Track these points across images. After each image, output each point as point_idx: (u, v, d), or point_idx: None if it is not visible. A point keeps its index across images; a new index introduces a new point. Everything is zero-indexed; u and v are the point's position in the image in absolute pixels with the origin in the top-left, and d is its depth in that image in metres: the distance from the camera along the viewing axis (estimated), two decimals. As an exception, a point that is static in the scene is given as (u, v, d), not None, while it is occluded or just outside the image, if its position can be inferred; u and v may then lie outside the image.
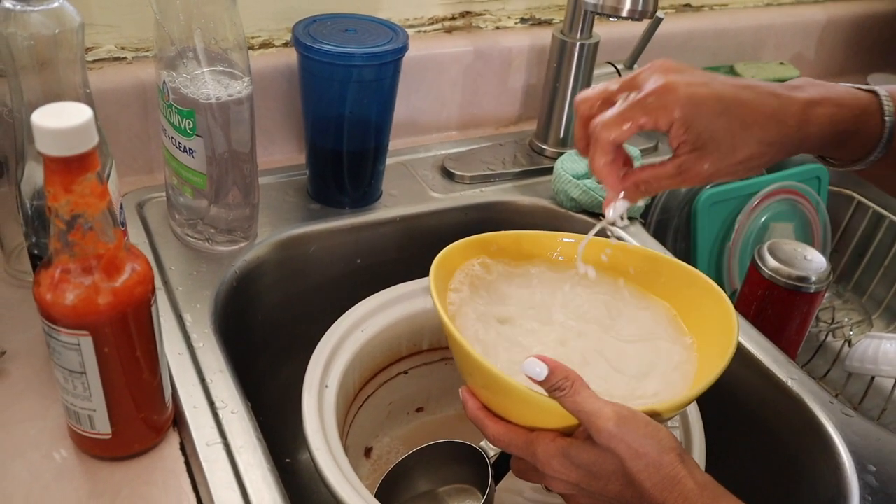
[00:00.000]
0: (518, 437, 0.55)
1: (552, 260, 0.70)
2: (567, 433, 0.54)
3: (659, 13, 0.86)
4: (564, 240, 0.69)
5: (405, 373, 0.79)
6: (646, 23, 0.91)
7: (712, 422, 0.67)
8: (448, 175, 0.90)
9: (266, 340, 0.82)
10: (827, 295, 1.02)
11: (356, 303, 0.72)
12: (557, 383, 0.51)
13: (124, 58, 0.83)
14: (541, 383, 0.52)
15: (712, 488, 0.49)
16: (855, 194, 1.10)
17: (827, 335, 1.03)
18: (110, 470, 0.57)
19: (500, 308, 0.65)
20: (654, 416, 0.53)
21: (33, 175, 0.55)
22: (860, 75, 1.25)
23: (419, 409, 0.84)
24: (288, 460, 0.85)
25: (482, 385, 0.57)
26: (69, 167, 0.46)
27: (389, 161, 0.87)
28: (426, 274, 0.76)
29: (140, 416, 0.56)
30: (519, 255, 0.70)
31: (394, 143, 0.87)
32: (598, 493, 0.52)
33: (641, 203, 0.88)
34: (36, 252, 0.58)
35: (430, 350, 0.79)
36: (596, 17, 0.88)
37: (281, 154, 0.91)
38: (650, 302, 0.67)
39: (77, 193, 0.47)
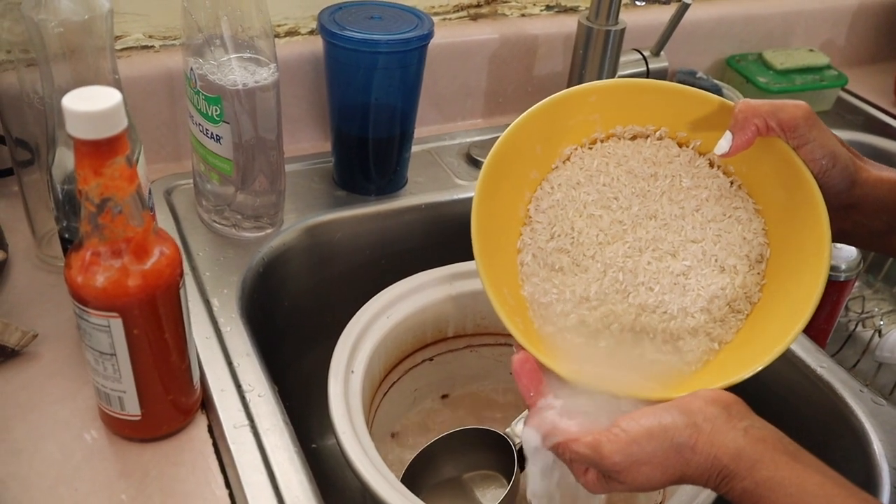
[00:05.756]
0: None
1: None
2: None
3: (686, -2, 0.85)
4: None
5: (430, 360, 0.80)
6: (672, 9, 0.90)
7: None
8: (473, 162, 0.90)
9: (292, 326, 0.82)
10: (857, 284, 1.01)
11: (381, 290, 0.73)
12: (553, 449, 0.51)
13: (152, 46, 0.83)
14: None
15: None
16: (886, 183, 1.08)
17: (857, 325, 1.02)
18: (139, 451, 0.58)
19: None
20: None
21: (64, 160, 0.56)
22: (891, 63, 1.23)
23: (444, 396, 0.84)
24: (314, 445, 0.85)
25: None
26: (99, 150, 0.46)
27: (415, 149, 0.87)
28: (451, 261, 0.76)
29: (168, 398, 0.57)
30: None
31: (419, 131, 0.87)
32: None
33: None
34: (67, 236, 0.59)
35: (456, 337, 0.80)
36: (623, 3, 0.87)
37: (307, 142, 0.91)
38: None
39: (107, 177, 0.47)
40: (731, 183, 0.59)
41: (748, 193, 0.59)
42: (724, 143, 0.55)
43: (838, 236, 0.57)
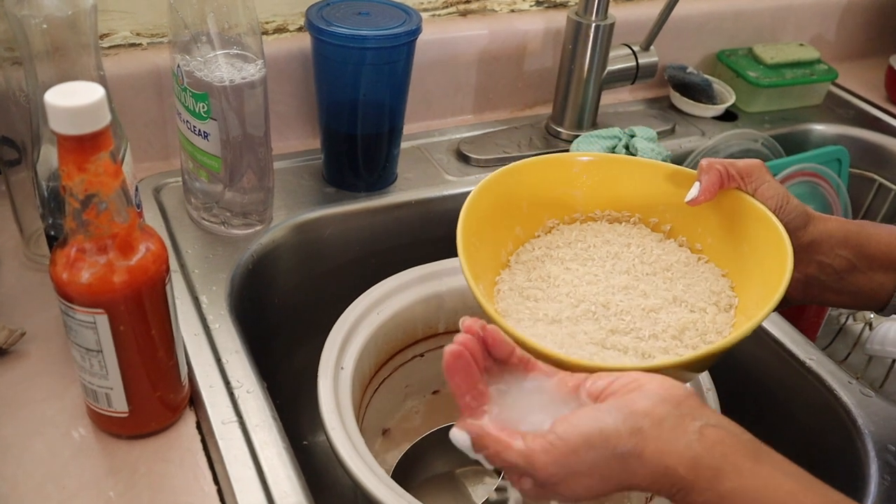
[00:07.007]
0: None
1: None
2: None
3: (675, -7, 0.85)
4: None
5: (421, 356, 0.79)
6: (662, 3, 0.90)
7: (728, 402, 0.66)
8: (463, 158, 0.90)
9: (282, 323, 0.82)
10: (848, 278, 1.01)
11: (371, 286, 0.73)
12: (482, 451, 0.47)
13: (139, 44, 0.83)
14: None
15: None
16: (876, 176, 1.08)
17: (847, 318, 1.02)
18: (128, 448, 0.58)
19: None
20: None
21: (49, 157, 0.56)
22: (881, 57, 1.23)
23: (435, 392, 0.84)
24: (305, 442, 0.85)
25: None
26: (82, 146, 0.46)
27: (404, 145, 0.87)
28: (441, 257, 0.76)
29: (156, 395, 0.57)
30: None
31: (409, 127, 0.87)
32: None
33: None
34: (52, 233, 0.58)
35: (447, 333, 0.79)
36: (611, -3, 0.87)
37: (296, 139, 0.91)
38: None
39: (91, 172, 0.47)
40: (699, 259, 0.65)
41: (716, 265, 0.64)
42: (693, 191, 0.61)
43: (809, 285, 0.63)
